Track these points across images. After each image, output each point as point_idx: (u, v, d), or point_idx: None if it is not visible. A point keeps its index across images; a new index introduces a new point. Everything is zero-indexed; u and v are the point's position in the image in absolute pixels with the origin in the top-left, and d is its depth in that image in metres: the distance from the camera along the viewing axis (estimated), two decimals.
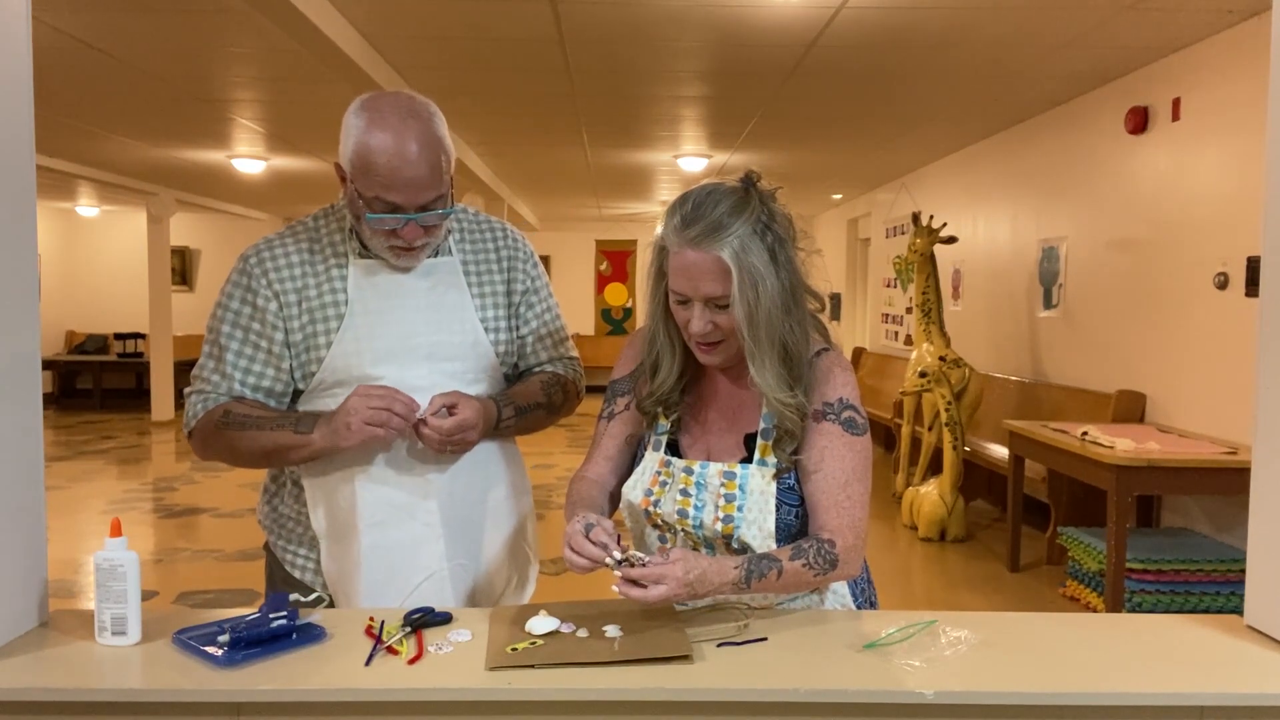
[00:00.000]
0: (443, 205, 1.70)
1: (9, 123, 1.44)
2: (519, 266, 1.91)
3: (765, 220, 1.49)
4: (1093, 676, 1.34)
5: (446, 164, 1.68)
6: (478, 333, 1.82)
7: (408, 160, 1.61)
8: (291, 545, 1.85)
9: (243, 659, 1.35)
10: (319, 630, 1.45)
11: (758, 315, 1.47)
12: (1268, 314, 1.53)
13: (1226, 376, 4.49)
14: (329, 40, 4.29)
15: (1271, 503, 1.53)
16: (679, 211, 1.50)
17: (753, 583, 1.44)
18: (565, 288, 14.93)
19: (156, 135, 7.53)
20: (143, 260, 11.59)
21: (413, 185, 1.63)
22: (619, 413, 1.71)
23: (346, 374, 1.73)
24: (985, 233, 7.33)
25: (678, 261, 1.50)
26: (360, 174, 1.64)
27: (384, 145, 1.61)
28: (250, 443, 1.70)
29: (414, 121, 1.63)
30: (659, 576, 1.37)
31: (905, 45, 4.86)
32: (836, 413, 1.55)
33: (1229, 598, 4.15)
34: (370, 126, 1.62)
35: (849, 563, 1.52)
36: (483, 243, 1.89)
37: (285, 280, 1.74)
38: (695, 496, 1.57)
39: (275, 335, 1.73)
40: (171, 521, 6.37)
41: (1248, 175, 4.36)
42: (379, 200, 1.64)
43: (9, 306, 1.44)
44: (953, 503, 5.86)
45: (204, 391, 1.76)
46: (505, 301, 1.88)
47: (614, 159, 8.67)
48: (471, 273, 1.85)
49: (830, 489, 1.53)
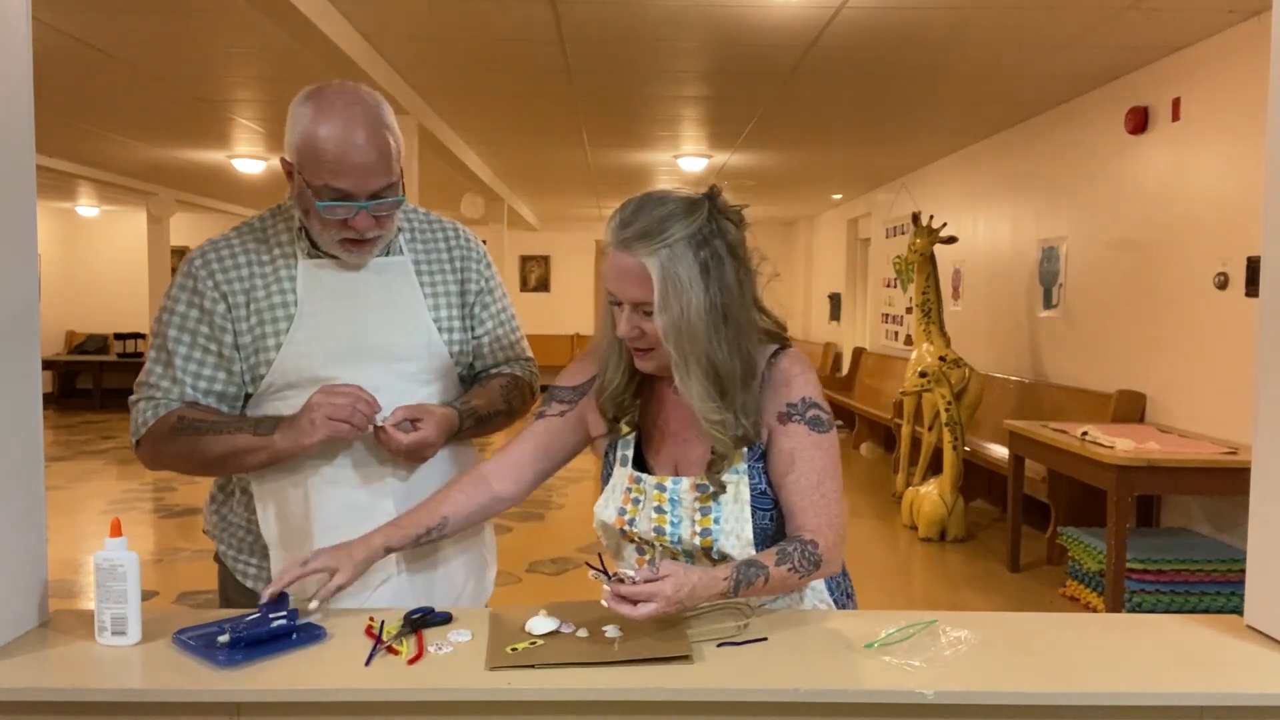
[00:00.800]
0: (393, 194, 1.67)
1: (9, 123, 1.44)
2: (472, 267, 1.87)
3: (706, 234, 1.46)
4: (1093, 676, 1.34)
5: (396, 152, 1.66)
6: (431, 333, 1.79)
7: (356, 145, 1.59)
8: (243, 555, 1.82)
9: (243, 659, 1.35)
10: (319, 630, 1.45)
11: (680, 327, 1.45)
12: (1268, 314, 1.53)
13: (1226, 376, 4.49)
14: (329, 40, 4.29)
15: (1271, 503, 1.53)
16: (620, 212, 1.49)
17: (740, 590, 1.44)
18: (565, 288, 14.96)
19: (156, 135, 7.53)
20: (143, 260, 11.58)
21: (362, 170, 1.60)
22: (549, 415, 1.69)
23: (296, 376, 1.70)
24: (985, 233, 7.33)
25: (608, 262, 1.50)
26: (308, 162, 1.61)
27: (331, 131, 1.59)
28: (208, 448, 1.66)
29: (360, 109, 1.62)
30: (650, 594, 1.36)
31: (905, 45, 4.86)
32: (801, 413, 1.54)
33: (1229, 598, 4.15)
34: (317, 115, 1.60)
35: (831, 561, 1.52)
36: (434, 243, 1.85)
37: (233, 281, 1.71)
38: (670, 513, 1.56)
39: (224, 338, 1.70)
40: (171, 521, 6.37)
41: (1248, 175, 4.36)
42: (328, 188, 1.61)
43: (9, 306, 1.44)
44: (953, 503, 5.86)
45: (154, 398, 1.71)
46: (459, 302, 1.84)
47: (614, 159, 8.67)
48: (424, 272, 1.81)
49: (805, 489, 1.52)
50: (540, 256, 15.02)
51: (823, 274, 13.04)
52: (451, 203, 10.89)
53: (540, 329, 14.53)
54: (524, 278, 14.98)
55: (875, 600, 4.77)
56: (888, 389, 8.51)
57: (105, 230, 13.32)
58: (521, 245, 14.64)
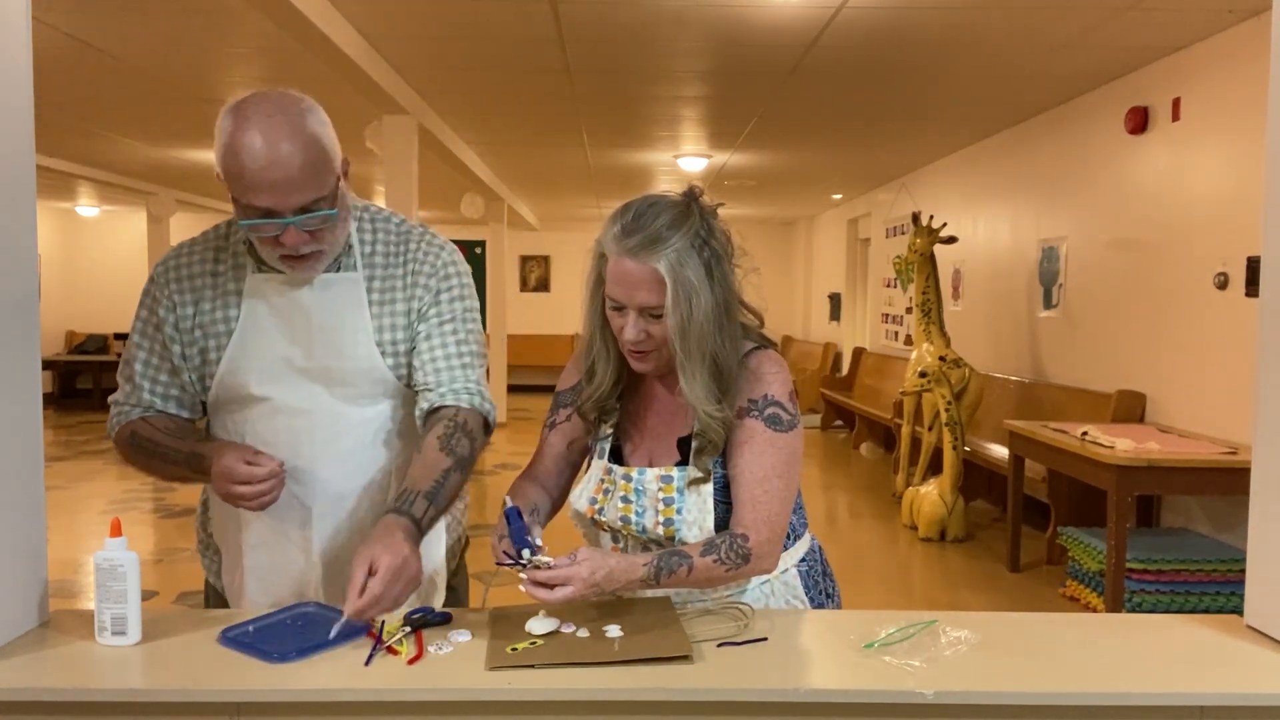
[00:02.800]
0: (325, 206, 1.55)
1: (9, 123, 1.44)
2: (421, 282, 1.71)
3: (704, 235, 1.51)
4: (1093, 676, 1.34)
5: (325, 162, 1.53)
6: (373, 358, 1.68)
7: (275, 160, 1.47)
8: (208, 554, 1.86)
9: (297, 655, 1.37)
10: (362, 626, 1.46)
11: (690, 327, 1.49)
12: (1268, 314, 1.53)
13: (1226, 376, 4.49)
14: (329, 40, 4.29)
15: (1271, 503, 1.53)
16: (620, 220, 1.52)
17: (662, 579, 1.47)
18: (565, 288, 14.96)
19: (156, 135, 7.53)
20: (143, 260, 11.58)
21: (282, 187, 1.49)
22: (560, 423, 1.72)
23: (233, 393, 1.68)
24: (985, 233, 7.33)
25: (615, 270, 1.52)
26: (231, 179, 1.51)
27: (249, 145, 1.47)
28: (162, 469, 1.69)
29: (281, 118, 1.50)
30: (565, 578, 1.39)
31: (905, 45, 4.86)
32: (760, 409, 1.57)
33: (1229, 598, 4.15)
34: (236, 129, 1.49)
35: (763, 557, 1.53)
36: (396, 256, 1.72)
37: (185, 293, 1.69)
38: (635, 502, 1.59)
39: (173, 348, 1.70)
40: (171, 521, 6.37)
41: (1248, 175, 4.36)
42: (251, 207, 1.51)
43: (9, 306, 1.44)
44: (953, 503, 5.86)
45: (118, 402, 1.73)
46: (405, 323, 1.71)
47: (614, 159, 8.66)
48: (375, 290, 1.69)
49: (748, 484, 1.54)
50: (540, 256, 15.01)
51: (823, 274, 13.04)
52: (451, 203, 10.90)
53: (540, 329, 14.54)
54: (524, 278, 14.98)
55: (875, 600, 4.78)
56: (888, 389, 8.51)
57: (105, 230, 13.32)
58: (521, 245, 14.63)
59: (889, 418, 7.75)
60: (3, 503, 1.43)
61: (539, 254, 15.00)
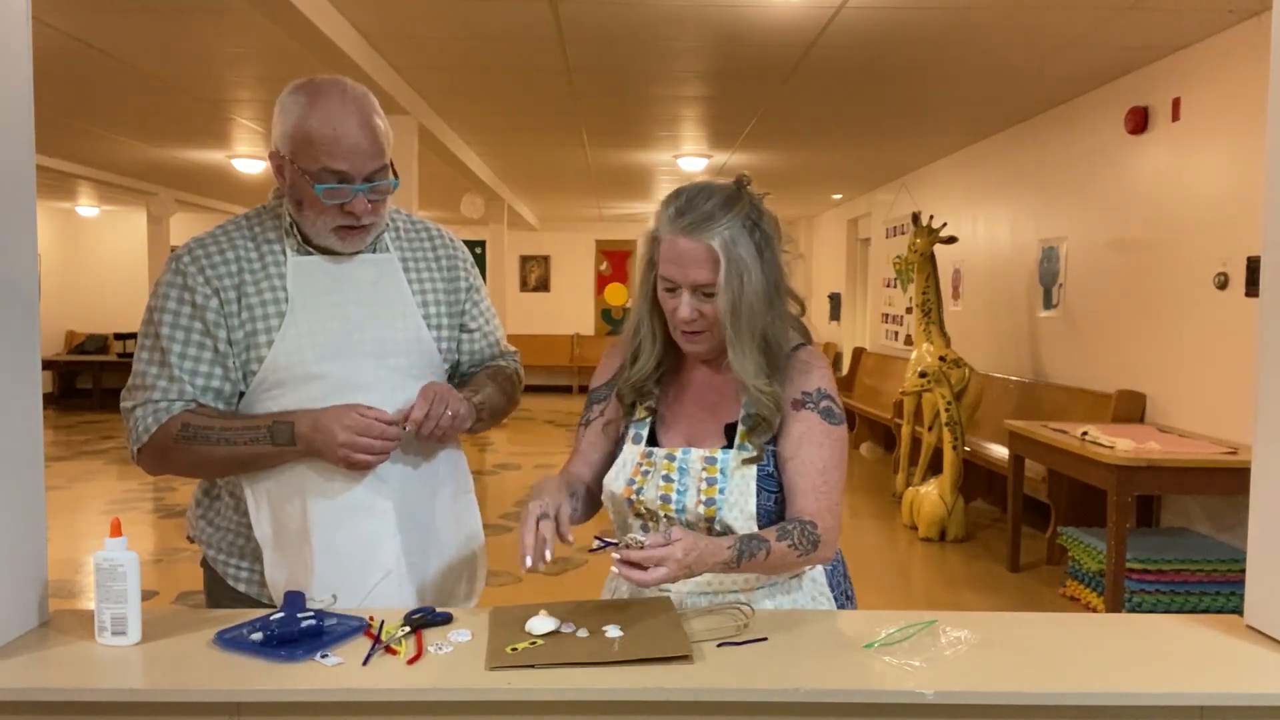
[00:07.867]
0: (386, 177, 1.71)
1: (9, 123, 1.44)
2: (460, 266, 1.92)
3: (754, 218, 1.58)
4: (1093, 676, 1.34)
5: (387, 136, 1.72)
6: (420, 329, 1.81)
7: (350, 129, 1.65)
8: (233, 559, 1.80)
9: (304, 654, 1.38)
10: (360, 621, 1.47)
11: (741, 305, 1.55)
12: (1268, 314, 1.54)
13: (1226, 376, 4.49)
14: (329, 40, 4.30)
15: (1271, 503, 1.53)
16: (674, 203, 1.59)
17: (743, 562, 1.48)
18: (565, 288, 14.95)
19: (156, 135, 7.53)
20: (143, 260, 11.58)
21: (357, 152, 1.65)
22: (595, 419, 1.76)
23: (289, 373, 1.69)
24: (985, 233, 7.33)
25: (669, 249, 1.57)
26: (303, 148, 1.65)
27: (326, 116, 1.64)
28: (222, 457, 1.66)
29: (350, 95, 1.68)
30: (660, 559, 1.40)
31: (905, 45, 4.86)
32: (815, 402, 1.62)
33: (1229, 598, 4.15)
34: (311, 102, 1.65)
35: (828, 544, 1.57)
36: (420, 243, 1.89)
37: (224, 277, 1.70)
38: (678, 481, 1.62)
39: (219, 334, 1.69)
40: (171, 521, 6.37)
41: (1248, 175, 4.36)
42: (326, 170, 1.64)
43: (9, 306, 1.44)
44: (953, 503, 5.86)
45: (152, 401, 1.67)
46: (446, 300, 1.87)
47: (614, 159, 8.67)
48: (411, 269, 1.84)
49: (809, 473, 1.58)
50: (540, 256, 15.00)
51: (823, 274, 13.04)
52: (451, 203, 10.89)
53: (540, 329, 14.53)
54: (524, 278, 14.97)
55: (875, 600, 4.77)
56: (888, 389, 8.51)
57: (105, 230, 13.32)
58: (521, 245, 14.63)
59: (889, 418, 7.74)
60: (3, 503, 1.43)
61: (539, 254, 14.99)
